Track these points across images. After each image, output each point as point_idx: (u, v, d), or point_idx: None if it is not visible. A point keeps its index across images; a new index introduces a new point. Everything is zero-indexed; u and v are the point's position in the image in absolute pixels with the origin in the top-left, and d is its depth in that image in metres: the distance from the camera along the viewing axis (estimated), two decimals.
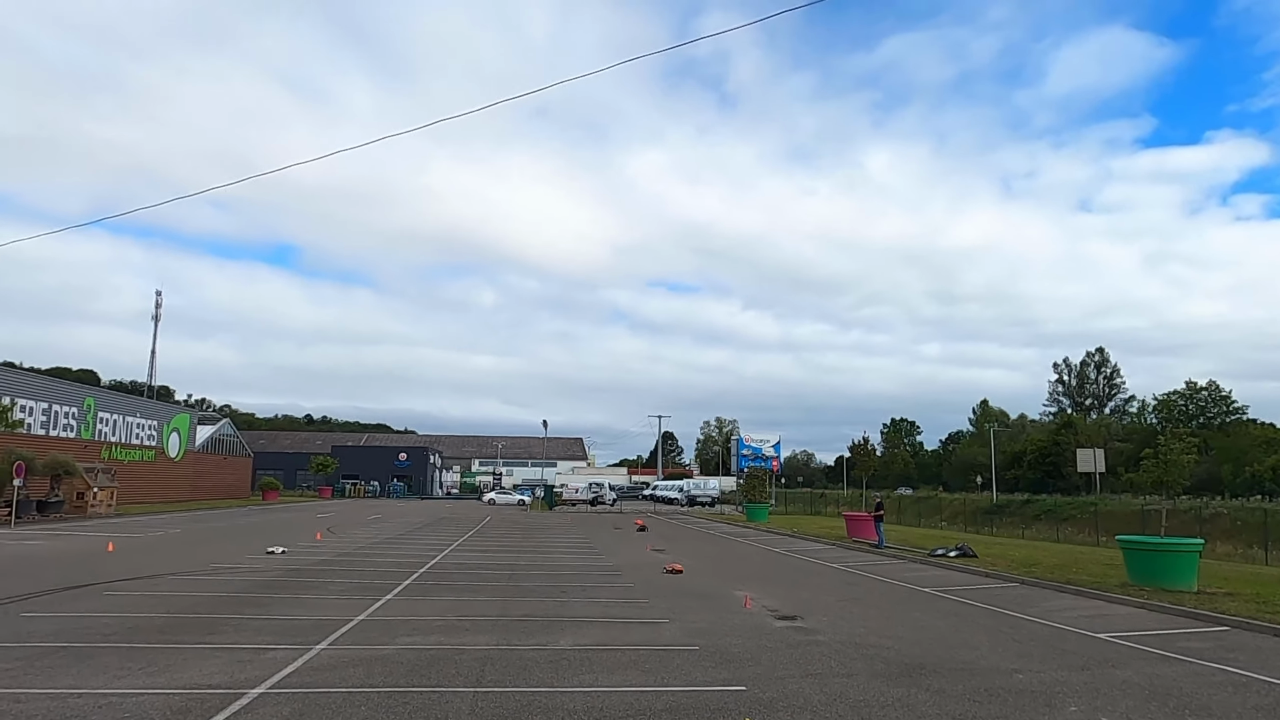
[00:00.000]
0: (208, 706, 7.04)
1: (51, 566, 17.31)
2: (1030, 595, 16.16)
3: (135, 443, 49.24)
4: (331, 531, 29.53)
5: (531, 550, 24.15)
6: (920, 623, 12.58)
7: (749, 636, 10.94)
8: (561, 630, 11.06)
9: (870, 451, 55.06)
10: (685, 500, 72.26)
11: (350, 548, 23.25)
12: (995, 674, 9.10)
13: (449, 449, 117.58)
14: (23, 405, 37.79)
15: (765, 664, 9.31)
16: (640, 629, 11.40)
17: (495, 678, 8.34)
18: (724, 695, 7.89)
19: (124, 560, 18.72)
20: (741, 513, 51.81)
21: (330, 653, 9.35)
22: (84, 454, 40.68)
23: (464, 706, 7.27)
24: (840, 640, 10.85)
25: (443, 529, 33.25)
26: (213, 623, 11.04)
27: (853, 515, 32.41)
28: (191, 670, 8.35)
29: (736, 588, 16.16)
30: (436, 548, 23.92)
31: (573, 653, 9.62)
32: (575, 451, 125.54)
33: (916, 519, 48.33)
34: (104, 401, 47.78)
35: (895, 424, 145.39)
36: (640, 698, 7.71)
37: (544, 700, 7.54)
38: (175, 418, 56.45)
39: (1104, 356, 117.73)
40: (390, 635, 10.42)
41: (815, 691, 8.11)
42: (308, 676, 8.22)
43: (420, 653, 9.42)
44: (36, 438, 38.29)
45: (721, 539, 32.29)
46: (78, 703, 7.08)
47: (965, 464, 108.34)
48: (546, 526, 37.52)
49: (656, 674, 8.68)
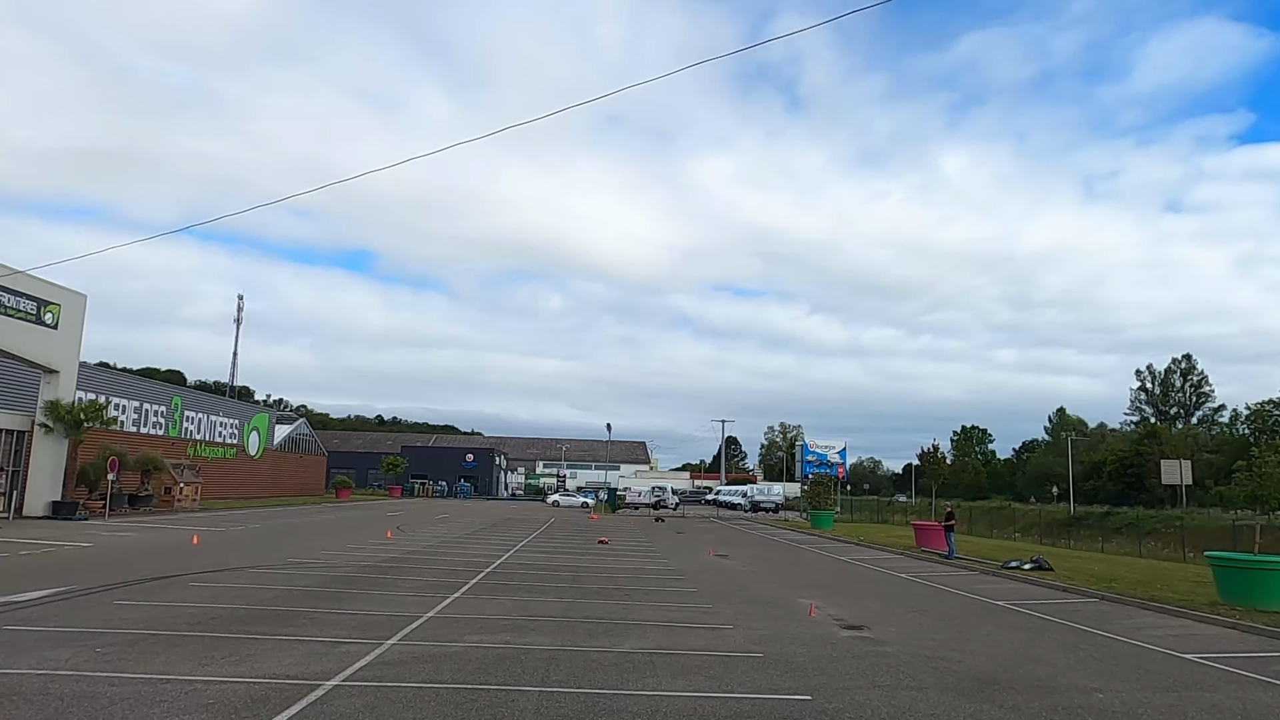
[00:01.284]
0: (285, 696, 7.29)
1: (142, 558, 18.20)
2: (1110, 612, 15.51)
3: (218, 440, 51.39)
4: (401, 530, 30.27)
5: (595, 552, 24.30)
6: (993, 637, 12.21)
7: (814, 645, 10.79)
8: (625, 633, 11.10)
9: (940, 459, 53.52)
10: (749, 506, 71.67)
11: (419, 546, 23.80)
12: (1073, 692, 8.77)
13: (514, 451, 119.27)
14: (117, 404, 39.82)
15: (831, 673, 9.17)
16: (704, 634, 11.36)
17: (560, 678, 8.42)
18: (789, 704, 7.79)
19: (208, 553, 19.55)
20: (806, 519, 51.12)
21: (401, 648, 9.59)
22: (171, 451, 42.67)
23: (529, 705, 7.36)
24: (909, 652, 10.61)
25: (508, 530, 33.75)
26: (290, 615, 11.43)
27: (922, 524, 31.65)
28: (270, 661, 8.67)
29: (801, 595, 15.96)
30: (502, 548, 24.28)
31: (637, 656, 9.65)
32: (638, 455, 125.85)
33: (988, 530, 46.87)
34: (190, 401, 50.04)
35: (966, 431, 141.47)
36: (705, 703, 7.68)
37: (608, 702, 7.57)
38: (255, 417, 58.72)
39: (1190, 364, 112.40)
40: (458, 633, 10.62)
41: (883, 704, 7.95)
42: (379, 671, 8.44)
43: (487, 651, 9.58)
44: (129, 434, 40.31)
45: (786, 545, 31.92)
46: (166, 688, 7.43)
47: (1040, 473, 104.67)
48: (610, 529, 37.70)
49: (721, 680, 8.64)
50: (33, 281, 29.46)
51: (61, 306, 31.48)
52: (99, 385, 38.91)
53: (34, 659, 8.28)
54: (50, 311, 30.92)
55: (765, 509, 69.77)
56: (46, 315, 30.75)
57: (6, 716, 6.40)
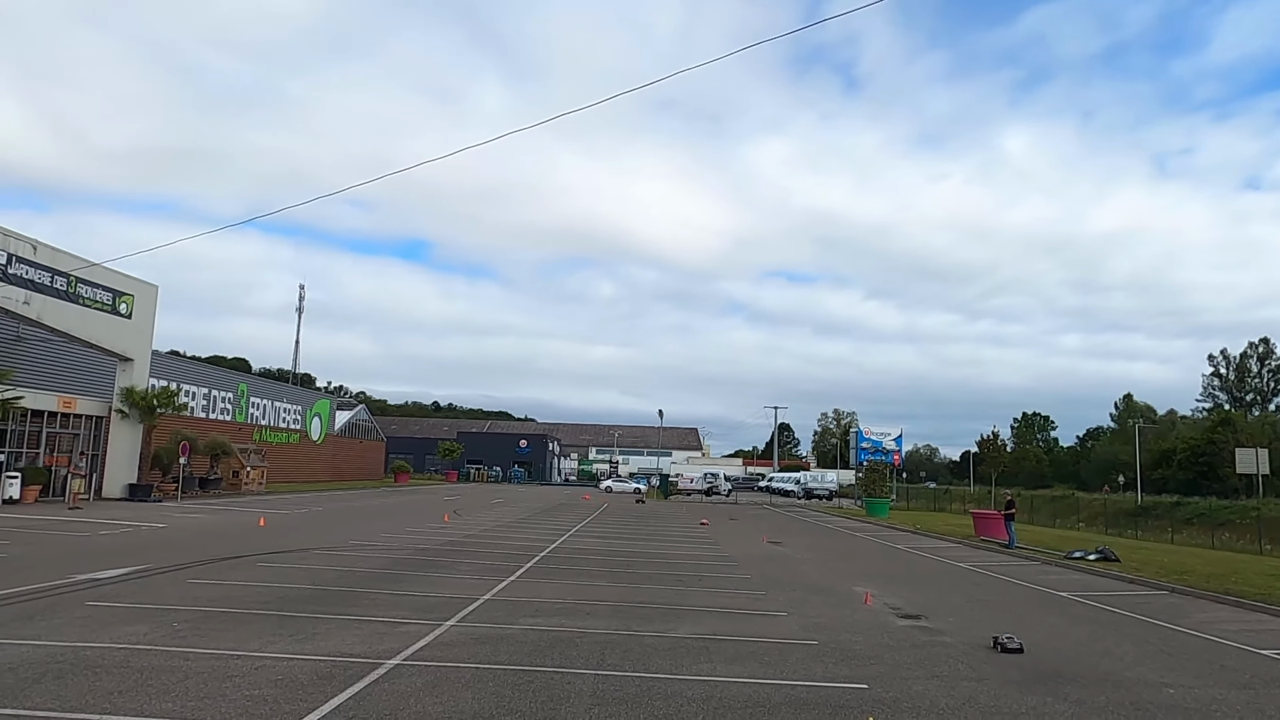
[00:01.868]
0: (350, 674, 7.51)
1: (212, 538, 18.91)
2: (1181, 605, 14.99)
3: (282, 426, 53.00)
4: (458, 514, 30.84)
5: (647, 538, 24.42)
6: (1056, 628, 11.92)
7: (870, 634, 10.67)
8: (679, 618, 11.13)
9: (1000, 447, 52.36)
10: (802, 493, 71.15)
11: (475, 530, 24.22)
12: (1142, 687, 8.51)
13: (567, 437, 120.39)
14: (187, 390, 41.34)
15: (888, 663, 9.06)
16: (758, 621, 11.33)
17: (615, 662, 8.49)
18: (845, 692, 7.73)
19: (273, 535, 20.22)
20: (860, 507, 50.51)
21: (459, 629, 9.78)
22: (238, 436, 44.17)
23: (585, 688, 7.44)
24: (968, 642, 10.42)
25: (561, 515, 34.11)
26: (352, 596, 11.76)
27: (981, 513, 31.00)
28: (334, 639, 8.93)
29: (856, 583, 15.80)
30: (556, 533, 24.56)
31: (691, 641, 9.67)
32: (690, 441, 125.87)
33: (1050, 519, 45.68)
34: (255, 388, 51.68)
35: (1027, 418, 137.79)
36: (759, 690, 7.66)
37: (663, 687, 7.61)
38: (317, 403, 60.37)
39: (1269, 348, 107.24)
40: (515, 616, 10.79)
41: (942, 694, 7.82)
42: (439, 651, 8.63)
43: (543, 634, 9.71)
44: (198, 420, 41.85)
45: (840, 533, 31.61)
46: (237, 663, 7.71)
47: (1105, 462, 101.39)
48: (662, 515, 37.83)
49: (775, 667, 8.61)
50: (108, 274, 30.72)
51: (135, 297, 32.75)
52: (170, 373, 40.44)
53: (115, 633, 8.68)
54: (124, 302, 32.20)
55: (819, 496, 69.17)
56: (121, 306, 32.03)
57: (92, 687, 6.73)
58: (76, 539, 17.88)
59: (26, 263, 27.16)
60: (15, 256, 26.71)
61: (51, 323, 28.69)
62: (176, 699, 6.53)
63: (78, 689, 6.67)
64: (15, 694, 6.47)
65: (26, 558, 14.48)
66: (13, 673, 7.04)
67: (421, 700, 6.83)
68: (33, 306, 27.47)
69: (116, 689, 6.71)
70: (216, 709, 6.32)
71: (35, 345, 31.51)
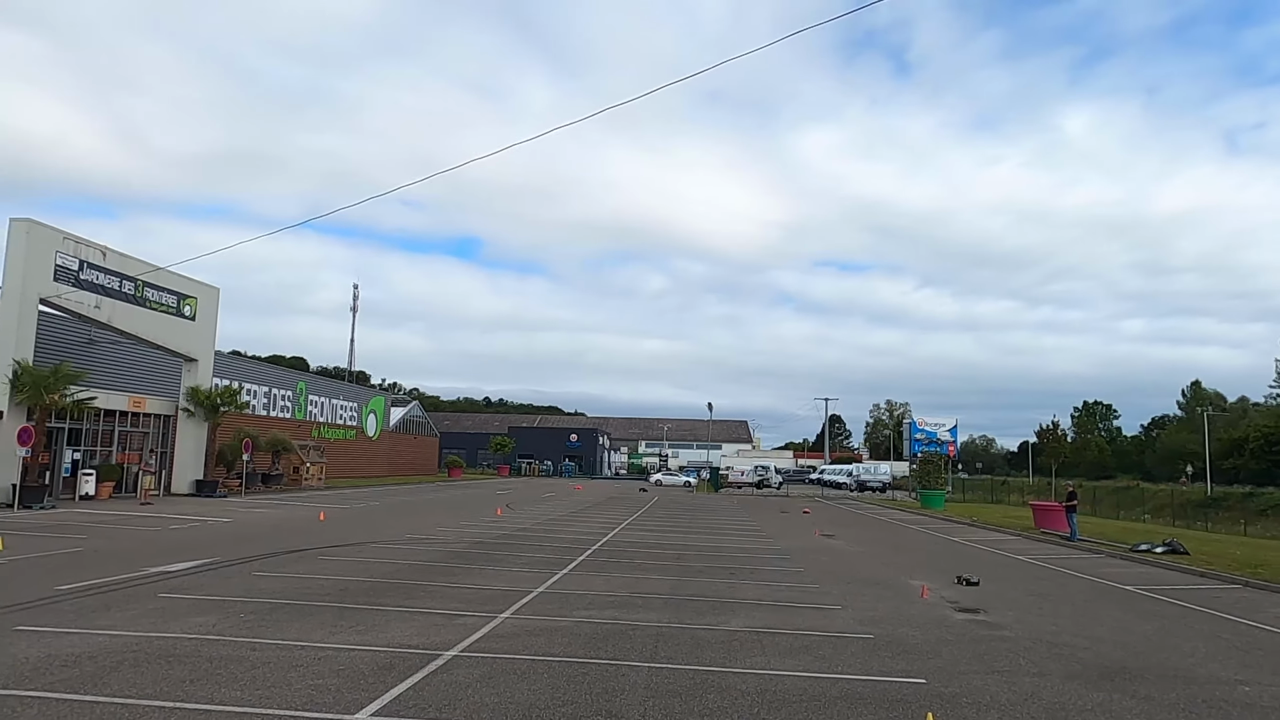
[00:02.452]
0: (409, 664, 7.67)
1: (275, 532, 19.48)
2: (1256, 599, 14.42)
3: (339, 423, 54.29)
4: (510, 508, 31.23)
5: (699, 531, 24.40)
6: (1122, 623, 11.57)
7: (927, 628, 10.51)
8: (732, 611, 11.11)
9: (1060, 437, 51.00)
10: (854, 485, 70.28)
11: (528, 523, 24.50)
12: (1214, 684, 8.22)
13: (617, 430, 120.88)
14: (248, 389, 42.59)
15: (946, 657, 8.91)
16: (812, 614, 11.24)
17: (668, 654, 8.51)
18: (902, 687, 7.63)
19: (333, 529, 20.74)
20: (915, 499, 49.70)
21: (514, 621, 9.91)
22: (298, 432, 45.38)
23: (639, 681, 7.47)
24: (1029, 637, 10.19)
25: (612, 508, 34.29)
26: (410, 588, 12.00)
27: (1041, 504, 30.25)
28: (393, 630, 9.13)
29: (912, 576, 15.57)
30: (607, 526, 24.70)
31: (744, 635, 9.64)
32: (740, 434, 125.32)
33: (1114, 511, 44.33)
34: (313, 385, 53.02)
35: (1088, 407, 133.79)
36: (814, 683, 7.61)
37: (717, 680, 7.61)
38: (372, 400, 61.67)
39: None
40: (568, 608, 10.89)
41: (1003, 690, 7.66)
42: (494, 643, 8.76)
43: (596, 626, 9.78)
44: (259, 418, 43.09)
45: (894, 526, 31.16)
46: (301, 653, 7.94)
47: (1172, 451, 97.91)
48: (713, 508, 37.76)
49: (830, 660, 8.53)
50: (172, 277, 31.81)
51: (198, 299, 33.86)
52: (232, 372, 41.71)
53: (186, 624, 9.01)
54: (188, 304, 33.31)
55: (872, 488, 68.28)
56: (185, 308, 33.15)
57: (166, 675, 7.00)
58: (148, 533, 18.60)
59: (97, 268, 28.27)
60: (86, 263, 27.82)
61: (121, 325, 29.83)
62: (245, 688, 6.75)
63: (153, 677, 6.94)
64: (95, 681, 6.76)
65: (103, 551, 15.11)
66: (93, 660, 7.36)
67: (479, 691, 6.94)
68: (103, 310, 28.60)
69: (189, 677, 6.97)
70: (283, 697, 6.52)
71: (106, 348, 32.80)
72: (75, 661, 7.32)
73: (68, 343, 30.25)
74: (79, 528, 18.97)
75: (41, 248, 26.16)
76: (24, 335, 25.78)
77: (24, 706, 6.08)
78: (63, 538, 16.91)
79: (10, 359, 25.13)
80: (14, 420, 24.79)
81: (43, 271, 26.14)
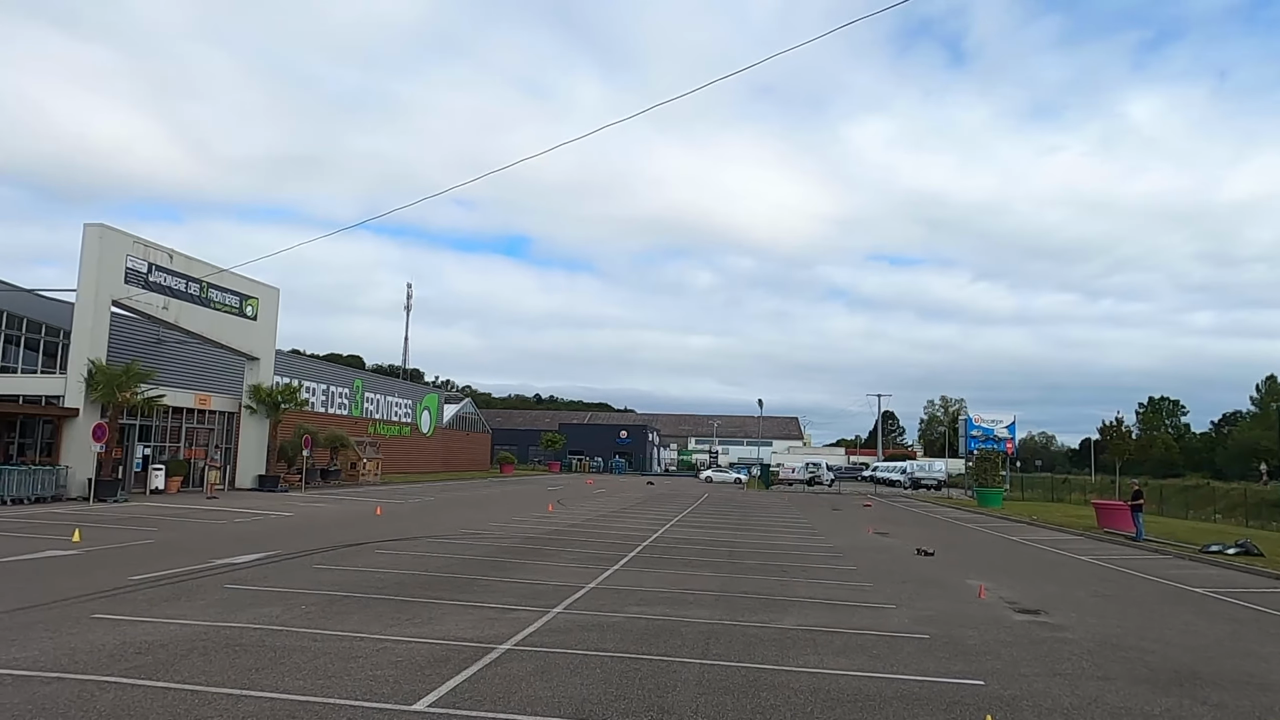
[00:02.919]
0: (464, 657, 7.80)
1: (334, 526, 19.99)
2: None
3: (394, 420, 55.40)
4: (561, 504, 31.50)
5: (749, 528, 24.28)
6: (1192, 626, 11.17)
7: (985, 629, 10.28)
8: (784, 609, 11.03)
9: (1124, 433, 49.24)
10: (908, 483, 69.12)
11: (578, 519, 24.67)
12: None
13: (666, 427, 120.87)
14: (307, 387, 43.75)
15: (1005, 659, 8.71)
16: (865, 613, 11.10)
17: (720, 651, 8.49)
18: (960, 688, 7.48)
19: (389, 523, 21.18)
20: (971, 498, 48.64)
21: (566, 616, 10.00)
22: (354, 429, 46.43)
23: (691, 677, 7.48)
24: (1093, 639, 9.90)
25: (662, 505, 34.33)
26: (465, 583, 12.20)
27: (1105, 503, 29.34)
28: (449, 624, 9.29)
29: (968, 576, 15.25)
30: (657, 523, 24.74)
31: (797, 633, 9.57)
32: (790, 431, 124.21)
33: (1182, 510, 42.72)
34: (369, 383, 54.20)
35: (1154, 403, 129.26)
36: (869, 683, 7.51)
37: (769, 678, 7.57)
38: (426, 397, 62.78)
39: None
40: (619, 604, 10.94)
41: (1065, 693, 7.46)
42: (547, 637, 8.85)
43: (648, 622, 9.81)
44: (318, 415, 44.22)
45: (950, 524, 30.57)
46: (360, 645, 8.14)
47: (1245, 449, 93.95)
48: (763, 505, 37.54)
49: (885, 660, 8.42)
50: (235, 278, 32.83)
51: (259, 299, 34.89)
52: (292, 370, 42.87)
53: (251, 614, 9.31)
54: (250, 304, 34.34)
55: (926, 486, 67.07)
56: (247, 308, 34.19)
57: (232, 664, 7.24)
58: (214, 526, 19.25)
59: (165, 271, 29.33)
60: (155, 265, 28.89)
61: (187, 325, 30.91)
62: (307, 677, 6.95)
63: (220, 665, 7.19)
64: (167, 668, 7.04)
65: (172, 543, 15.69)
66: (164, 648, 7.66)
67: (532, 685, 7.03)
68: (170, 311, 29.67)
69: (254, 666, 7.20)
70: (343, 687, 6.69)
71: (173, 347, 34.03)
72: (148, 649, 7.63)
73: (137, 342, 31.46)
74: (150, 520, 19.73)
75: (113, 252, 27.25)
76: (98, 336, 26.90)
77: (101, 691, 6.35)
78: (135, 530, 17.61)
79: (85, 358, 26.25)
80: (89, 417, 25.89)
81: (114, 274, 27.22)
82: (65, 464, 25.63)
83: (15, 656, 7.18)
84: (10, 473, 23.71)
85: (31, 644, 7.64)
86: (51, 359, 30.42)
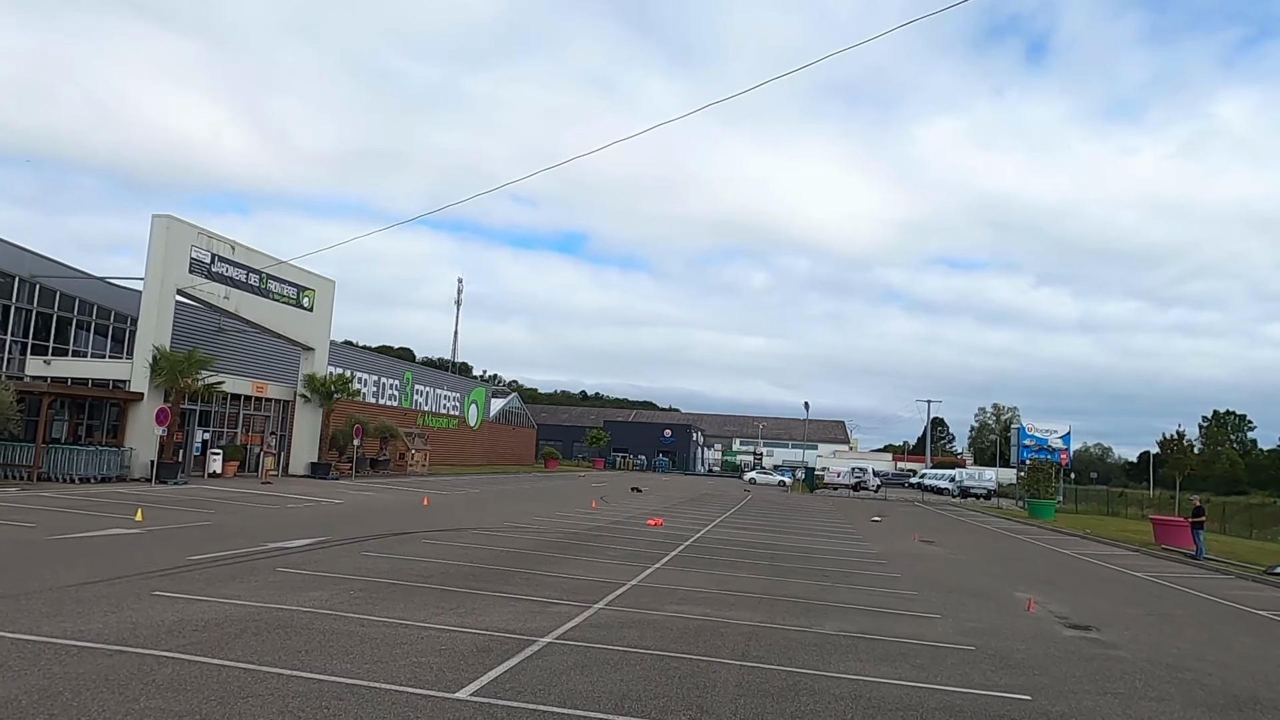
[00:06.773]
0: (506, 648, 7.90)
1: (383, 515, 20.39)
2: None
3: (443, 412, 56.28)
4: (604, 500, 31.64)
5: (792, 531, 24.09)
6: (1253, 649, 10.77)
7: (1033, 643, 10.05)
8: (825, 614, 10.94)
9: (1186, 448, 47.59)
10: (957, 491, 67.78)
11: (621, 516, 24.76)
12: None
13: (711, 427, 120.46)
14: (359, 377, 44.69)
15: (1053, 674, 8.51)
16: (909, 621, 10.94)
17: (760, 654, 8.46)
18: (1005, 702, 7.33)
19: (437, 513, 21.54)
20: (1022, 508, 47.51)
21: (607, 612, 10.06)
22: (403, 420, 47.30)
23: (730, 678, 7.46)
24: (1146, 659, 9.61)
25: (705, 505, 34.25)
26: (508, 575, 12.35)
27: (1163, 519, 28.41)
28: (492, 614, 9.42)
29: (1017, 588, 14.92)
30: (700, 522, 24.70)
31: (839, 638, 9.48)
32: (837, 435, 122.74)
33: (1247, 529, 41.13)
34: (419, 376, 55.16)
35: (1219, 417, 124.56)
36: (912, 693, 7.41)
37: (810, 682, 7.51)
38: (474, 391, 63.64)
39: None
40: (660, 602, 10.96)
41: (1116, 712, 7.26)
42: (588, 632, 8.92)
43: (688, 622, 9.82)
44: (369, 405, 45.15)
45: (999, 535, 29.91)
46: (405, 631, 8.30)
47: None
48: (807, 509, 37.19)
49: (929, 670, 8.29)
50: (293, 270, 33.69)
51: (315, 291, 35.74)
52: (345, 361, 43.83)
53: (301, 598, 9.56)
54: (307, 296, 35.20)
55: (975, 495, 65.68)
56: (304, 299, 35.05)
57: (283, 645, 7.45)
58: (268, 511, 19.80)
59: (227, 261, 30.24)
60: (218, 256, 29.80)
61: (246, 315, 31.83)
62: (354, 661, 7.12)
63: (271, 645, 7.41)
64: (220, 646, 7.27)
65: (228, 526, 16.19)
66: (219, 628, 7.91)
67: (572, 678, 7.09)
68: (231, 301, 30.58)
69: (303, 648, 7.40)
70: (388, 673, 6.84)
71: (232, 336, 35.07)
72: (204, 627, 7.89)
73: (199, 330, 32.51)
74: (207, 503, 20.38)
75: (179, 242, 28.19)
76: (162, 323, 27.87)
77: (160, 665, 6.59)
78: (193, 511, 18.21)
79: (150, 345, 27.21)
80: (153, 401, 26.84)
81: (179, 264, 28.16)
82: (130, 446, 26.61)
83: (81, 629, 7.50)
84: (79, 453, 24.72)
85: (95, 617, 7.96)
86: (119, 344, 31.63)
